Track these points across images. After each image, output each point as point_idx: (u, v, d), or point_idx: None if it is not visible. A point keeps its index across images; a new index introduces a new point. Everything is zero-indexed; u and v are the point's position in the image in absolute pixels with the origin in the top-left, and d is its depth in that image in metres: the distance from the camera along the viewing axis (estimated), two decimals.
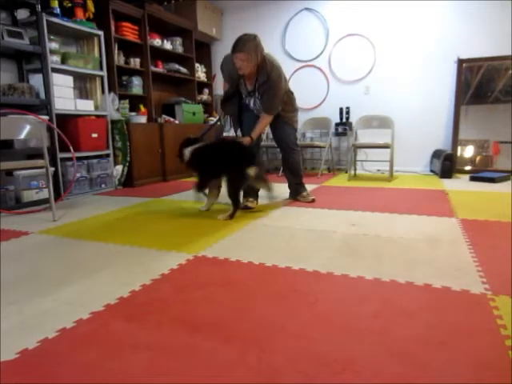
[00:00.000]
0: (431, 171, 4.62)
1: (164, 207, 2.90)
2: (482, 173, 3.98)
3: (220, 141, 2.73)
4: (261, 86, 2.58)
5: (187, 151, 2.55)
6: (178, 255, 1.77)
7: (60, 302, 1.32)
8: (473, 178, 3.93)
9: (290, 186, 3.08)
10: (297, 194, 3.04)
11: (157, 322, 1.16)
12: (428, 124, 4.60)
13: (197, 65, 5.23)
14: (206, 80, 5.47)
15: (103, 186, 3.79)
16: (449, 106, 4.49)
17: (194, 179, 2.67)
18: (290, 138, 2.91)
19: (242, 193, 2.88)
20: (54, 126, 3.21)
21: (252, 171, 2.37)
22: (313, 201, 2.95)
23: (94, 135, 3.63)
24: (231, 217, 2.42)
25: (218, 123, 3.08)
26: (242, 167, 2.36)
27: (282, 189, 3.56)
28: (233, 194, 2.42)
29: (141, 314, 1.22)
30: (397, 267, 1.55)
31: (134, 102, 4.30)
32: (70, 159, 3.35)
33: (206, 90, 5.50)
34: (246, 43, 2.40)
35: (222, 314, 1.20)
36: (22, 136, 2.65)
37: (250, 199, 2.80)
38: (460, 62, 4.33)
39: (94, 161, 3.68)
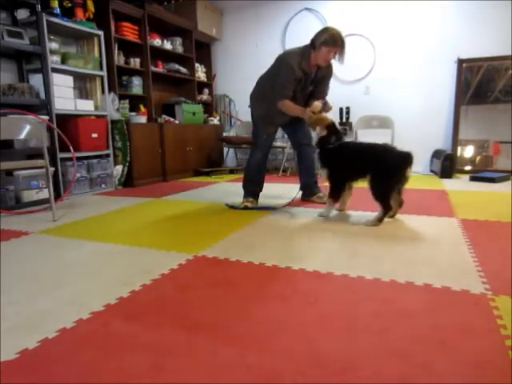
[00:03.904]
0: (431, 171, 4.61)
1: (164, 207, 2.90)
2: (482, 173, 3.98)
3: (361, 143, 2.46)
4: (319, 73, 2.62)
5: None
6: (178, 255, 1.77)
7: (60, 302, 1.32)
8: (473, 178, 3.93)
9: (303, 187, 2.97)
10: (312, 194, 2.93)
11: (157, 322, 1.16)
12: (428, 124, 4.60)
13: (197, 65, 5.22)
14: (205, 80, 5.47)
15: (103, 185, 3.79)
16: (449, 105, 4.49)
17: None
18: (310, 133, 2.88)
19: (243, 193, 2.89)
20: (54, 126, 3.21)
21: (409, 172, 2.21)
22: None
23: (94, 135, 3.63)
24: (380, 221, 2.21)
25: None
26: (401, 167, 2.18)
27: (284, 189, 3.56)
28: (385, 196, 2.20)
29: (141, 314, 1.22)
30: (397, 267, 1.55)
31: (134, 102, 4.30)
32: (70, 159, 3.35)
33: (206, 90, 5.50)
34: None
35: (222, 314, 1.20)
36: (22, 136, 2.65)
37: (250, 199, 2.80)
38: (460, 61, 4.33)
39: (94, 161, 3.68)
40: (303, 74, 2.53)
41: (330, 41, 2.44)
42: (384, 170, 2.19)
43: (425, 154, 4.67)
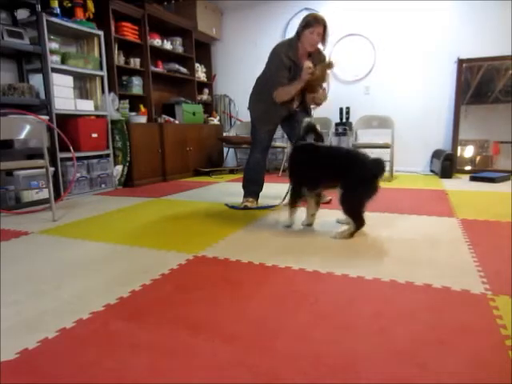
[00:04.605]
0: (431, 171, 4.61)
1: (164, 207, 2.90)
2: (482, 173, 3.98)
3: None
4: (314, 59, 2.60)
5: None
6: (178, 255, 1.77)
7: (60, 302, 1.32)
8: (473, 178, 3.93)
9: None
10: None
11: (157, 322, 1.16)
12: (428, 124, 4.60)
13: (197, 65, 5.23)
14: (205, 80, 5.47)
15: (103, 185, 3.79)
16: (449, 106, 4.49)
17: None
18: None
19: (243, 193, 2.89)
20: (54, 126, 3.21)
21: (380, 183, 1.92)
22: (329, 201, 2.81)
23: (94, 135, 3.63)
24: (351, 235, 1.97)
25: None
26: (374, 177, 1.90)
27: (284, 189, 3.56)
28: (356, 210, 1.95)
29: (141, 314, 1.22)
30: (397, 267, 1.55)
31: (134, 102, 4.30)
32: (70, 159, 3.35)
33: (206, 90, 5.50)
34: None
35: (222, 314, 1.20)
36: (22, 136, 2.65)
37: (250, 199, 2.80)
38: (460, 61, 4.33)
39: (94, 161, 3.68)
40: (292, 63, 2.54)
41: (311, 21, 2.46)
42: (356, 180, 1.92)
43: (425, 154, 4.67)
